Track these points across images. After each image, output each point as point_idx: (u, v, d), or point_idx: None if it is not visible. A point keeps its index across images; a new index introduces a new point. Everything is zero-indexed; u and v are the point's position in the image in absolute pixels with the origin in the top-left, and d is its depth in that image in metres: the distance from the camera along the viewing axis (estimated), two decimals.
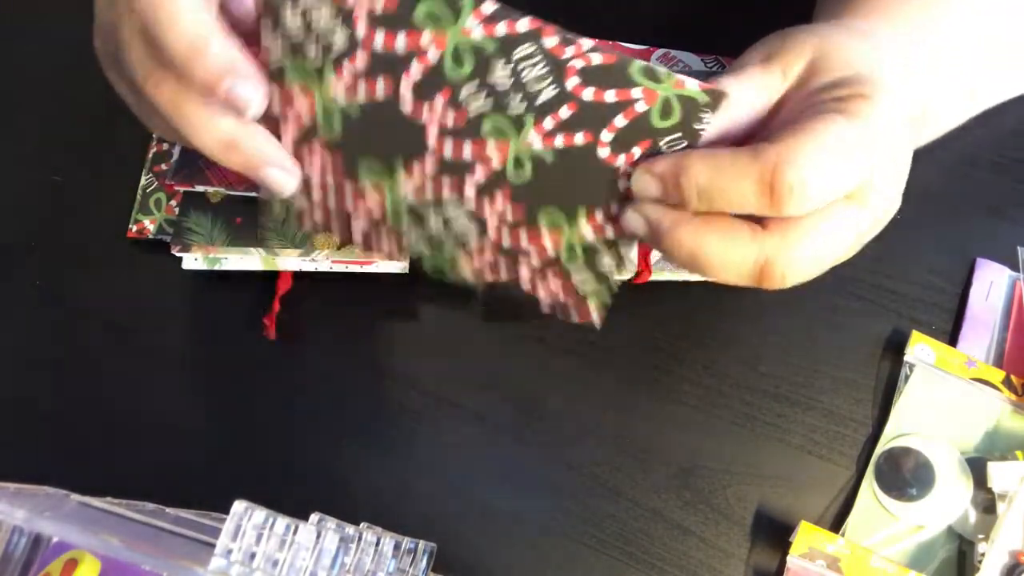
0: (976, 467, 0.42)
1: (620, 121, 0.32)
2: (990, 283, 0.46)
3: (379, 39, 0.31)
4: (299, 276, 0.48)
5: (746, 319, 0.47)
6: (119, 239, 0.50)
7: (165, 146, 0.51)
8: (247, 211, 0.47)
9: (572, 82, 0.32)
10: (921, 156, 0.48)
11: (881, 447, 0.43)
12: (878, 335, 0.46)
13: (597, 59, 0.31)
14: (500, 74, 0.31)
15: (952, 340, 0.45)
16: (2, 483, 0.32)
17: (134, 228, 0.50)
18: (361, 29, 0.31)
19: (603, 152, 0.33)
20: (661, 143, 0.32)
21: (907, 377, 0.44)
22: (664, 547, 0.43)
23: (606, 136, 0.32)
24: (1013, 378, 0.43)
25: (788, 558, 0.41)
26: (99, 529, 0.30)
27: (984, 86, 0.42)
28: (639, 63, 0.31)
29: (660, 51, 0.49)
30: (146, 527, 0.32)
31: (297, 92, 0.32)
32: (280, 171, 0.33)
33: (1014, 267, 0.46)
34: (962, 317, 0.45)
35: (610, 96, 0.32)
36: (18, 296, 0.51)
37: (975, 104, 0.43)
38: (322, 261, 0.47)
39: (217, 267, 0.48)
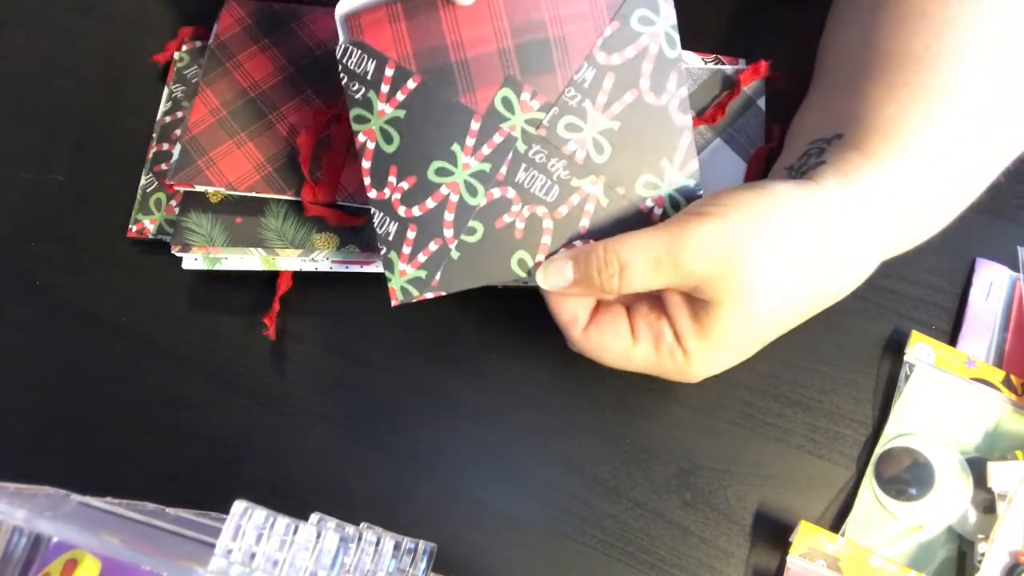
0: (976, 467, 0.42)
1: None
2: (990, 283, 0.46)
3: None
4: (299, 276, 0.48)
5: None
6: (119, 239, 0.50)
7: (165, 146, 0.51)
8: (247, 211, 0.47)
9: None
10: None
11: (881, 447, 0.43)
12: (878, 335, 0.46)
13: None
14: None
15: (952, 340, 0.45)
16: (2, 483, 0.32)
17: (134, 228, 0.50)
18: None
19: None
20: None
21: (907, 377, 0.44)
22: (664, 547, 0.43)
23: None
24: (1013, 378, 0.43)
25: (788, 558, 0.41)
26: (99, 529, 0.30)
27: (986, 178, 0.41)
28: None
29: None
30: (146, 527, 0.32)
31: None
32: None
33: (1014, 267, 0.46)
34: (962, 317, 0.45)
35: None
36: (18, 296, 0.51)
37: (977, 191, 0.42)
38: (322, 261, 0.47)
39: (217, 267, 0.48)
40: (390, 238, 0.41)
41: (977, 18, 0.38)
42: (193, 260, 0.48)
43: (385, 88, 0.40)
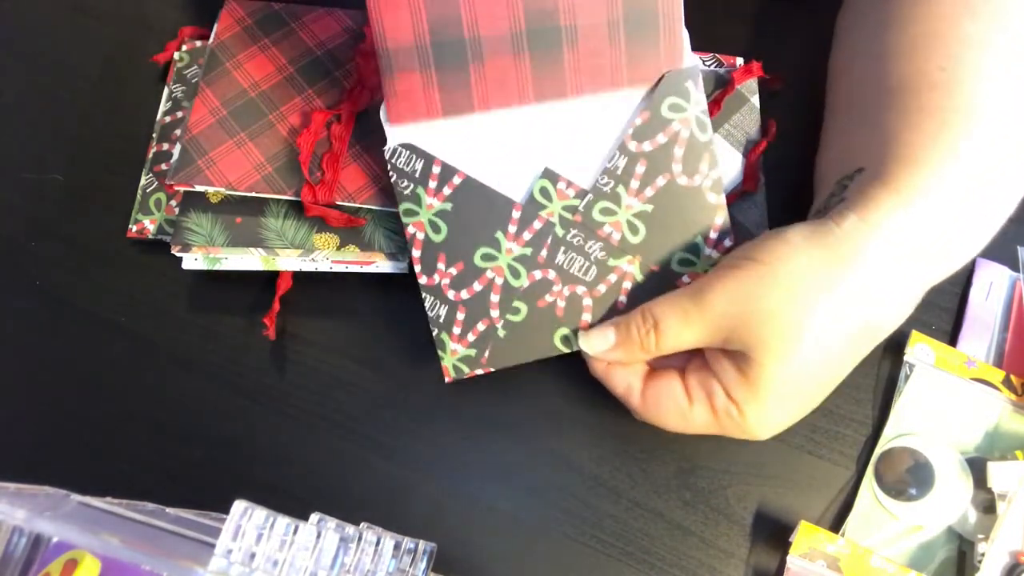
0: (976, 467, 0.42)
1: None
2: (990, 283, 0.46)
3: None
4: (299, 276, 0.48)
5: None
6: (119, 239, 0.50)
7: (165, 146, 0.51)
8: (247, 211, 0.47)
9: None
10: None
11: (881, 447, 0.43)
12: None
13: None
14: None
15: (952, 340, 0.45)
16: (2, 483, 0.32)
17: (134, 228, 0.50)
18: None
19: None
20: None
21: (907, 377, 0.44)
22: (664, 547, 0.43)
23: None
24: (1013, 378, 0.43)
25: (788, 558, 0.41)
26: (99, 529, 0.30)
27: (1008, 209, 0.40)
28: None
29: None
30: (146, 527, 0.32)
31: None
32: None
33: (1014, 267, 0.46)
34: (962, 317, 0.45)
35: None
36: (18, 296, 0.51)
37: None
38: (322, 261, 0.47)
39: (217, 267, 0.48)
40: (441, 320, 0.43)
41: (992, 31, 0.38)
42: (193, 260, 0.48)
43: (433, 184, 0.42)
